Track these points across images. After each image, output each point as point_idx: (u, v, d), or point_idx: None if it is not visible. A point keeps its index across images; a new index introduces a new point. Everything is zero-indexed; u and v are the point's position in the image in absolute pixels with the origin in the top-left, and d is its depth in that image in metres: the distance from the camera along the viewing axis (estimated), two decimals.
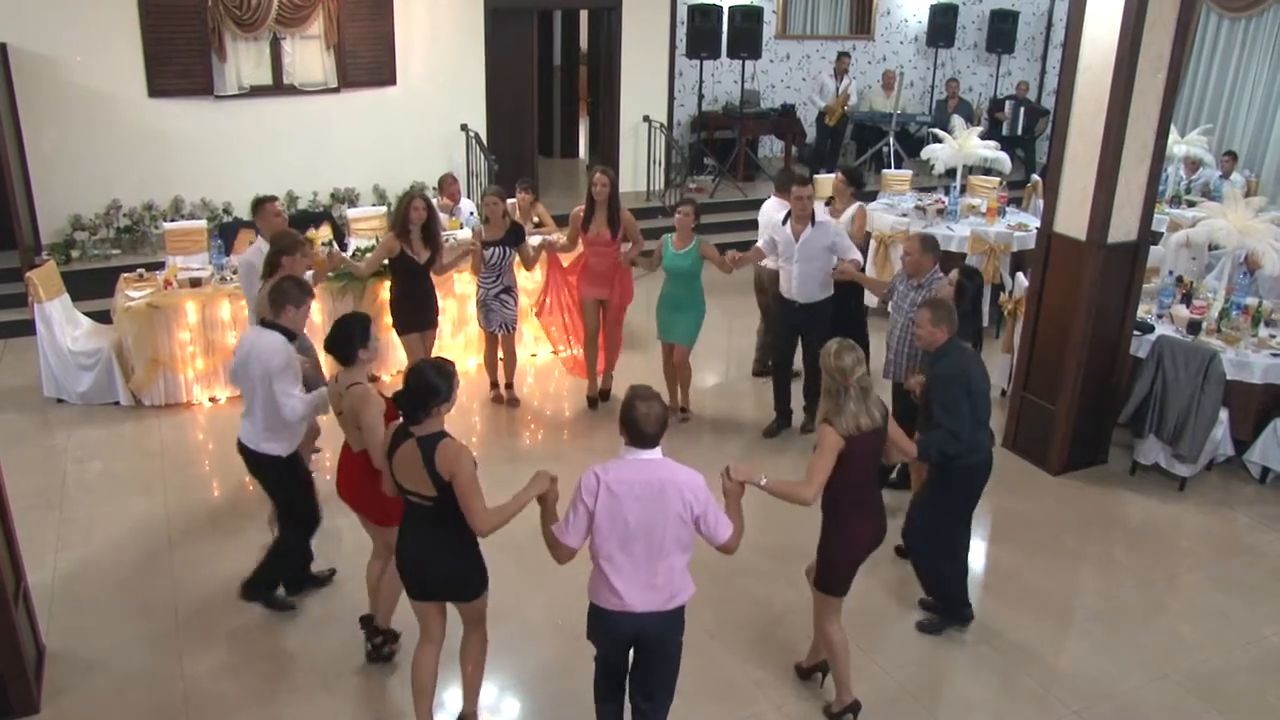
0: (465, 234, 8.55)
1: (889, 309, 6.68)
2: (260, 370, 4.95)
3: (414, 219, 6.98)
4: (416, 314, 7.31)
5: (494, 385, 8.08)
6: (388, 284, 7.52)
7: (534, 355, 8.99)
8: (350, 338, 4.61)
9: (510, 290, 7.59)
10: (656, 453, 3.87)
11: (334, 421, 4.95)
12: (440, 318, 7.62)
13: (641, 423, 3.79)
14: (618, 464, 3.86)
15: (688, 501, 3.82)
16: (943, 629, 5.46)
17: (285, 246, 5.78)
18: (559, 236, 8.19)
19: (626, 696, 4.20)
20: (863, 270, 9.40)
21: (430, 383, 3.98)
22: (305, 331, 5.53)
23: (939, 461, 5.07)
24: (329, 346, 4.68)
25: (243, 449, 5.21)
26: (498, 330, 7.69)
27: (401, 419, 4.08)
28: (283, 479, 5.26)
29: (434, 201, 9.11)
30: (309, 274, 6.06)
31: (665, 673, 4.10)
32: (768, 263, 7.55)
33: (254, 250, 6.60)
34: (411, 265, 7.09)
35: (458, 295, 8.55)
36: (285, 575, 5.49)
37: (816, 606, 4.72)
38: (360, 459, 4.72)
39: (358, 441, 4.67)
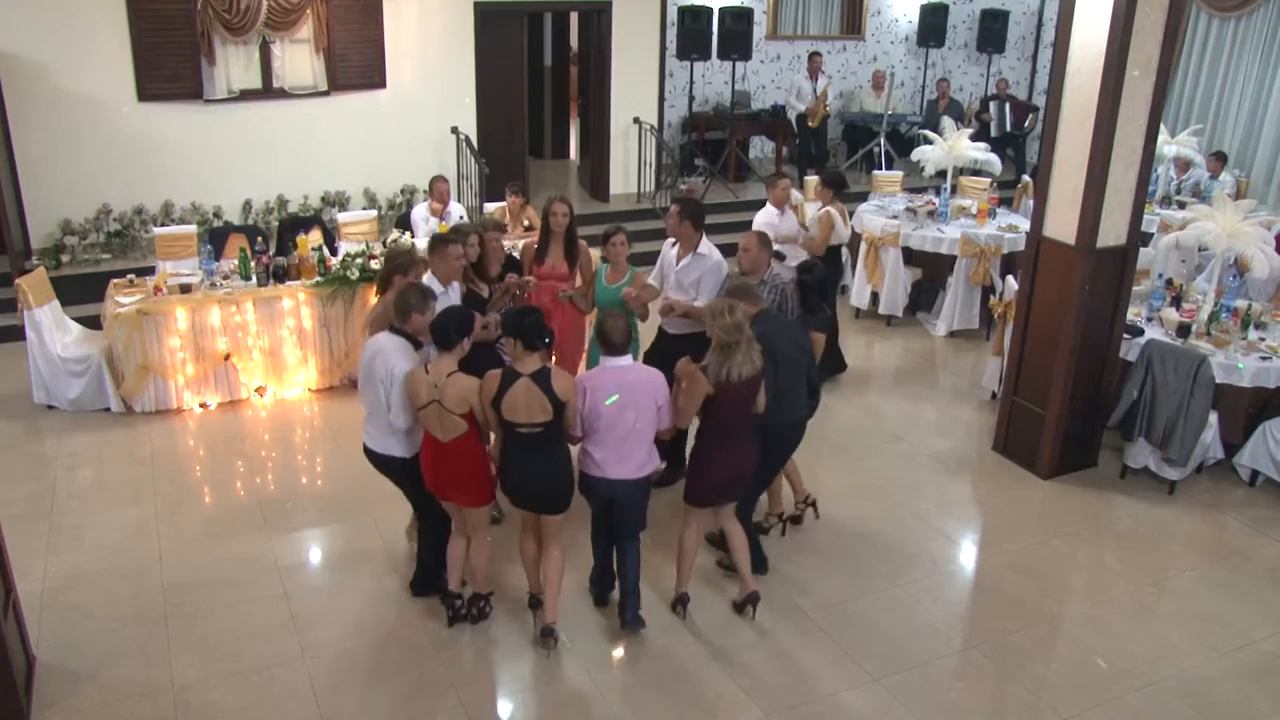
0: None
1: None
2: (385, 372, 5.08)
3: (470, 256, 6.24)
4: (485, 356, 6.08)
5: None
6: (373, 291, 7.32)
7: None
8: (449, 321, 4.96)
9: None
10: (627, 359, 5.08)
11: None
12: None
13: (610, 334, 4.99)
14: (599, 371, 5.04)
15: (654, 394, 5.04)
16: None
17: (400, 265, 5.85)
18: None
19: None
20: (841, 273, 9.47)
21: (540, 323, 4.86)
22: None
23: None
24: (433, 329, 4.99)
25: (368, 452, 5.38)
26: None
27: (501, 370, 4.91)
28: (411, 479, 5.34)
29: (426, 205, 9.15)
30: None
31: (634, 519, 5.31)
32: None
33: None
34: (476, 305, 6.15)
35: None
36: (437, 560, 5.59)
37: (684, 515, 5.53)
38: (449, 448, 5.00)
39: (449, 430, 4.95)
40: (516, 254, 7.14)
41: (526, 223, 9.22)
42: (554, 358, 6.70)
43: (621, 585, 5.45)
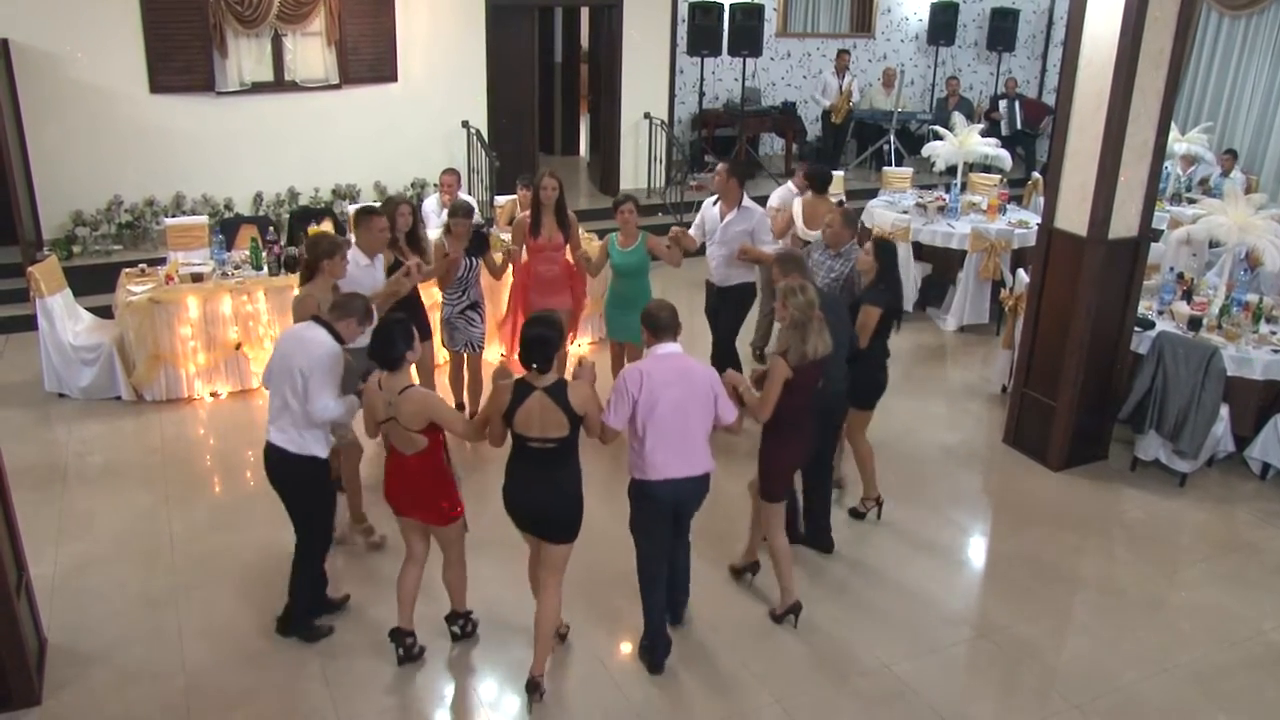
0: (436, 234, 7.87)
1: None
2: (305, 361, 4.83)
3: (401, 225, 6.61)
4: (415, 323, 6.83)
5: (460, 407, 7.34)
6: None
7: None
8: (393, 341, 4.61)
9: (477, 306, 7.04)
10: (676, 347, 4.74)
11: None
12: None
13: (657, 312, 4.74)
14: (650, 358, 4.73)
15: (711, 384, 4.75)
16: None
17: (326, 250, 5.55)
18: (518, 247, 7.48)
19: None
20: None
21: (548, 335, 4.48)
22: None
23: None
24: (373, 353, 4.66)
25: (277, 454, 5.00)
26: (462, 349, 7.16)
27: (516, 380, 4.55)
28: (318, 483, 5.10)
29: (435, 197, 9.15)
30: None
31: (689, 520, 5.10)
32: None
33: (352, 264, 5.96)
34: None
35: (427, 308, 8.06)
36: (316, 599, 5.30)
37: (763, 516, 5.36)
38: (413, 463, 4.72)
39: (409, 446, 4.67)
40: (499, 231, 7.45)
41: None
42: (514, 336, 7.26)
43: (675, 587, 5.24)
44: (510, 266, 7.48)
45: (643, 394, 4.60)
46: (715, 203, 7.34)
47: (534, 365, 4.46)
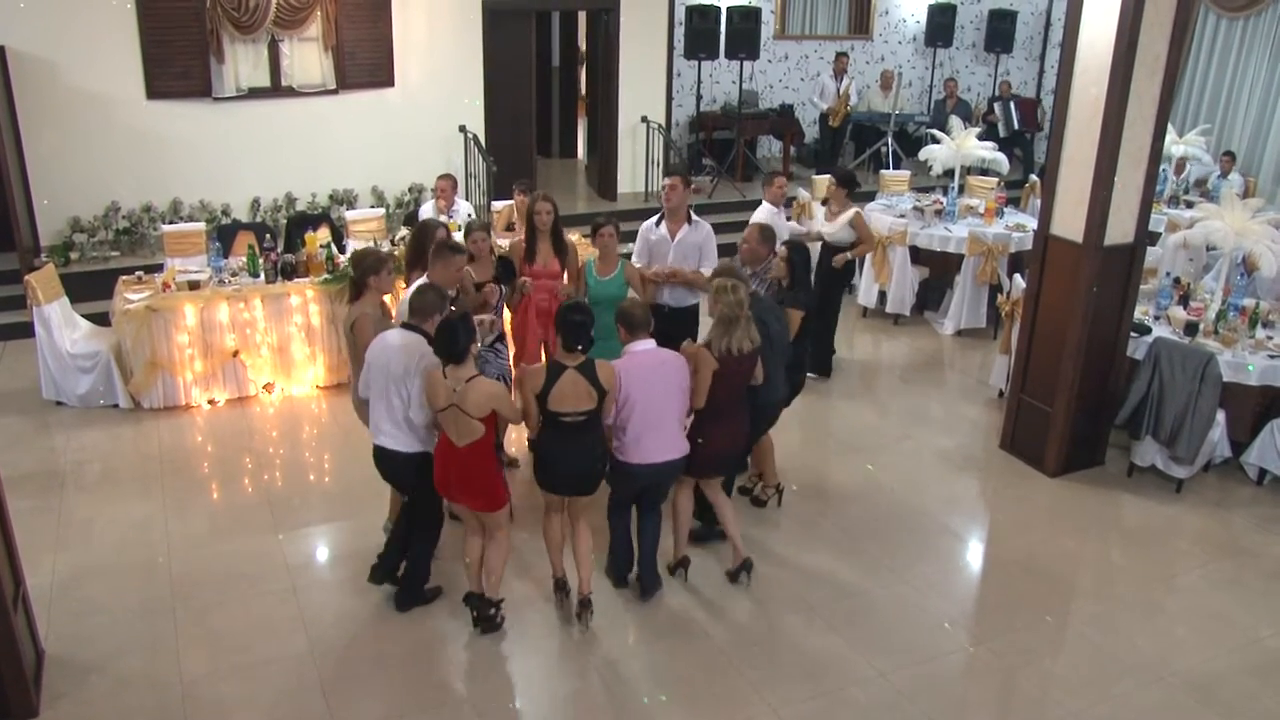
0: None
1: None
2: (402, 369, 5.09)
3: (479, 252, 6.34)
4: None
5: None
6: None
7: None
8: (456, 337, 4.87)
9: (503, 339, 6.57)
10: (651, 342, 5.24)
11: None
12: None
13: (632, 310, 5.25)
14: (627, 356, 5.20)
15: (683, 374, 5.26)
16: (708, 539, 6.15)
17: (371, 266, 5.62)
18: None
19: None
20: (852, 272, 9.67)
21: (585, 320, 5.02)
22: None
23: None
24: (439, 350, 4.93)
25: (386, 455, 5.31)
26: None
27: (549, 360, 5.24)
28: (427, 475, 5.25)
29: (432, 204, 9.15)
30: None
31: (662, 495, 5.62)
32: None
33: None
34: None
35: None
36: (427, 572, 5.59)
37: (676, 484, 5.66)
38: (463, 452, 4.98)
39: (465, 435, 4.92)
40: (507, 249, 7.08)
41: None
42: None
43: (641, 555, 5.65)
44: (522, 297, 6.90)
45: (623, 389, 5.09)
46: (659, 223, 7.01)
47: (579, 346, 5.00)
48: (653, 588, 5.66)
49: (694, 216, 7.03)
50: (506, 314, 6.80)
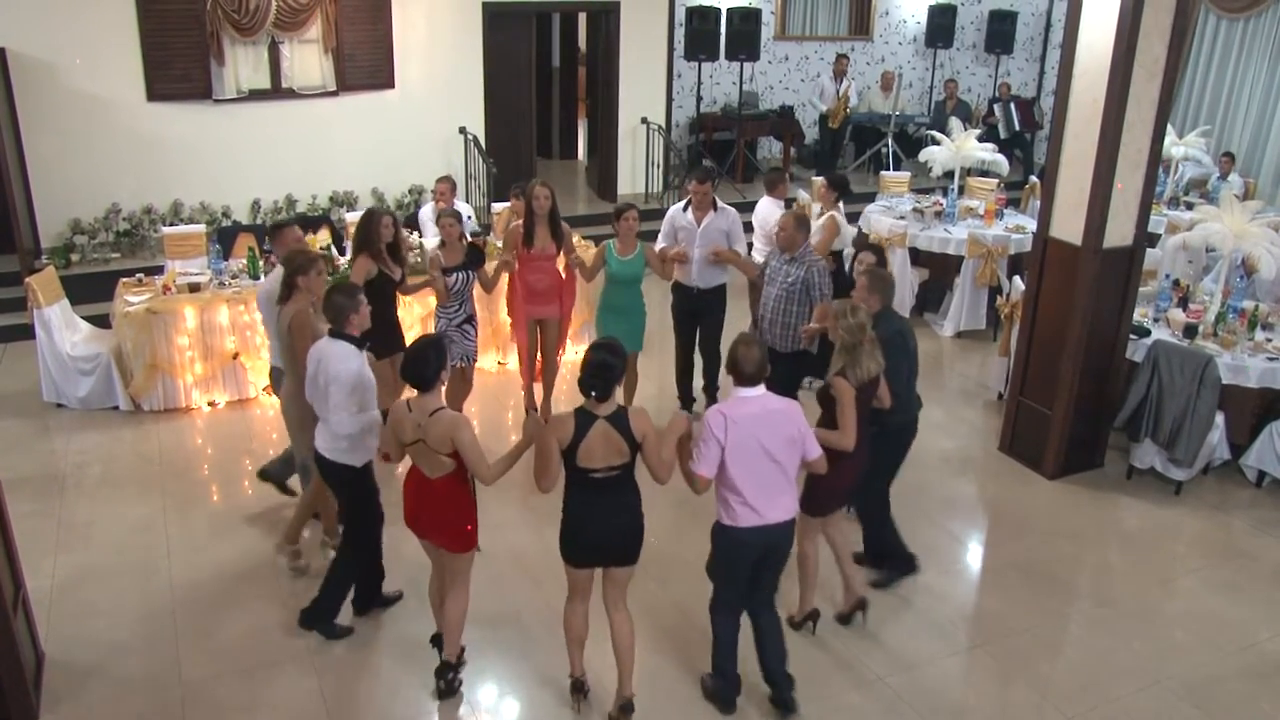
0: (433, 242, 8.11)
1: (764, 283, 6.92)
2: (329, 375, 4.88)
3: (384, 236, 6.59)
4: (393, 337, 6.81)
5: None
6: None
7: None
8: (427, 362, 4.48)
9: (472, 320, 7.11)
10: (760, 389, 4.48)
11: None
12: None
13: (743, 364, 4.43)
14: (733, 401, 4.49)
15: (796, 424, 4.52)
16: (893, 581, 5.90)
17: (299, 266, 5.50)
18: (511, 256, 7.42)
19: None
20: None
21: (611, 362, 4.31)
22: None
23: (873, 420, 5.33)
24: (405, 374, 4.55)
25: (319, 458, 5.15)
26: (458, 362, 7.08)
27: (575, 410, 4.37)
28: (353, 489, 5.16)
29: (431, 205, 9.17)
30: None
31: (777, 575, 4.86)
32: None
33: (271, 278, 6.20)
34: (388, 286, 6.70)
35: (423, 319, 8.19)
36: (343, 600, 5.35)
37: (799, 528, 5.01)
38: (438, 486, 4.60)
39: (436, 469, 4.56)
40: (495, 240, 7.51)
41: None
42: (540, 334, 7.46)
43: (769, 672, 4.87)
44: (504, 279, 7.48)
45: (729, 438, 4.39)
46: (686, 208, 7.47)
47: (593, 393, 4.27)
48: (793, 705, 4.86)
49: (720, 204, 7.48)
50: (479, 295, 7.31)
